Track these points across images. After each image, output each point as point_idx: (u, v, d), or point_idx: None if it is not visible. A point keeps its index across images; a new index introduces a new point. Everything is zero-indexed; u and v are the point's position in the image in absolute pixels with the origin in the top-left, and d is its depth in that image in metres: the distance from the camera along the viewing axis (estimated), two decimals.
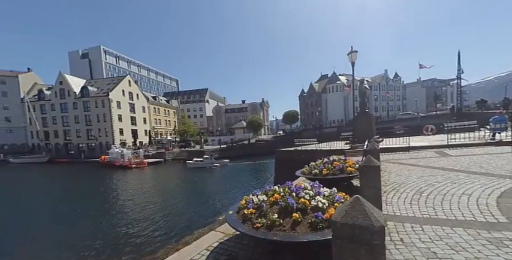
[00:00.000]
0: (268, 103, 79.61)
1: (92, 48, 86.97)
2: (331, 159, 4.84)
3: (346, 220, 0.99)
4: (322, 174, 4.39)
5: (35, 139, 47.34)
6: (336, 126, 51.64)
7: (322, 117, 63.20)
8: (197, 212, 11.60)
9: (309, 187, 2.68)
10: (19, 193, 18.66)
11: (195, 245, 3.54)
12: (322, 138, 21.93)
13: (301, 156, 12.86)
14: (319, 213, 2.15)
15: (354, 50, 11.81)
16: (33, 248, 8.32)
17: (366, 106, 14.29)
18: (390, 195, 4.30)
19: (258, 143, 47.91)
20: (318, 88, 67.27)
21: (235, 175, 22.53)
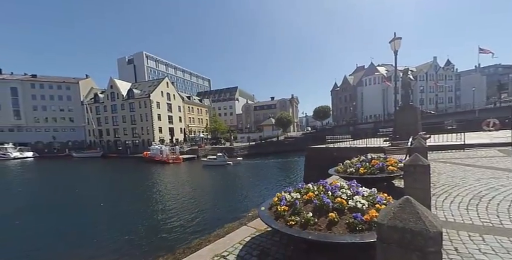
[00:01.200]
0: (297, 100, 77.74)
1: (136, 54, 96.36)
2: (368, 157, 4.50)
3: (395, 223, 0.91)
4: (359, 172, 4.12)
5: (91, 137, 54.66)
6: (373, 122, 47.92)
7: (357, 112, 59.22)
8: (226, 206, 12.01)
9: (346, 187, 2.54)
10: (79, 182, 21.88)
11: (228, 238, 3.67)
12: (357, 134, 20.61)
13: (333, 153, 12.29)
14: (358, 214, 2.02)
15: (397, 37, 10.60)
16: (81, 229, 9.62)
17: (410, 99, 12.88)
18: (440, 199, 3.83)
19: (287, 140, 47.34)
20: (352, 82, 62.93)
21: (262, 172, 22.73)
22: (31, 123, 54.43)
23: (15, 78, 54.52)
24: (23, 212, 12.36)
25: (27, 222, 10.60)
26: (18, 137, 52.04)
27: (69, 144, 55.11)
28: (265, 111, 71.25)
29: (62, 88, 56.25)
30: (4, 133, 51.95)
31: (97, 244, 7.98)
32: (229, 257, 2.94)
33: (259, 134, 55.78)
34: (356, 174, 4.14)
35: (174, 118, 52.19)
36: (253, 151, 40.88)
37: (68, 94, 56.57)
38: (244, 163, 29.82)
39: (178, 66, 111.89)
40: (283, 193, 2.75)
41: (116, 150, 49.58)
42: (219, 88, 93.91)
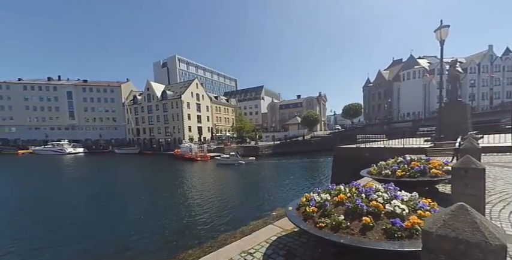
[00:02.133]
0: (325, 97, 74.66)
1: (169, 58, 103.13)
2: (407, 158, 4.11)
3: (446, 232, 0.83)
4: (396, 175, 3.78)
5: (130, 135, 60.00)
6: (411, 120, 43.78)
7: (392, 109, 54.59)
8: (250, 204, 12.11)
9: (382, 190, 2.35)
10: (120, 175, 24.27)
11: (254, 236, 3.70)
12: (392, 134, 19.03)
13: (364, 154, 11.55)
14: (397, 220, 1.86)
15: (444, 25, 9.37)
16: (115, 220, 10.56)
17: (458, 94, 11.40)
18: (497, 208, 3.32)
19: (313, 139, 45.91)
20: (388, 76, 57.98)
21: (286, 172, 22.39)
22: (82, 123, 61.98)
23: (70, 83, 62.59)
24: (76, 200, 14.17)
25: (78, 209, 12.14)
26: (72, 135, 59.65)
27: (112, 142, 61.34)
28: (291, 109, 70.07)
29: (107, 92, 62.85)
30: (61, 132, 60.07)
31: (132, 234, 8.63)
32: (255, 254, 2.96)
33: (284, 133, 55.16)
34: (392, 176, 3.82)
35: (202, 117, 54.53)
36: (278, 151, 40.57)
37: (112, 96, 62.95)
38: (268, 163, 29.81)
39: (207, 68, 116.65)
40: (312, 193, 2.66)
41: (150, 147, 53.61)
42: (245, 88, 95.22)
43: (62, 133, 59.62)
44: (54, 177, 23.70)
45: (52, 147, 50.24)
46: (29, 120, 59.82)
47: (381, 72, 59.58)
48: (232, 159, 28.38)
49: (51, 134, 59.05)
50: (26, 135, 58.98)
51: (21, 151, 51.03)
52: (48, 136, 58.36)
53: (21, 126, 59.33)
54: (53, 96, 60.56)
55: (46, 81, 62.72)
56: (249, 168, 25.87)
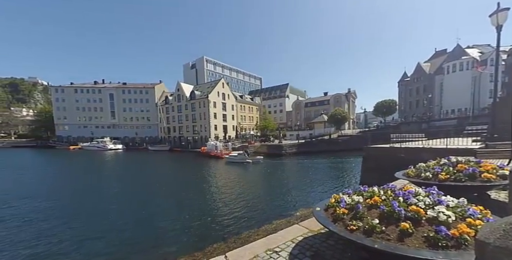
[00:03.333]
0: (355, 94, 70.51)
1: (198, 59, 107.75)
2: (452, 160, 3.68)
3: (507, 244, 0.76)
4: (439, 178, 3.41)
5: (162, 133, 64.17)
6: (456, 118, 39.14)
7: (433, 106, 49.22)
8: (273, 203, 12.07)
9: (423, 194, 2.13)
10: (152, 170, 26.23)
11: (280, 235, 3.68)
12: (433, 133, 17.24)
13: (399, 154, 10.67)
14: (441, 227, 1.67)
15: (502, 8, 8.03)
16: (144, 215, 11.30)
17: None
18: None
19: (340, 138, 43.85)
20: (428, 69, 52.05)
21: (310, 172, 21.77)
22: (121, 122, 68.18)
23: (112, 86, 69.26)
24: (113, 192, 15.68)
25: (114, 200, 13.41)
26: (113, 133, 66.08)
27: (146, 139, 66.38)
28: (317, 107, 67.85)
29: (142, 93, 68.12)
30: (104, 130, 66.92)
31: (161, 226, 9.20)
32: (281, 253, 2.94)
33: (309, 132, 53.73)
34: (434, 179, 3.45)
35: (227, 116, 55.87)
36: (303, 150, 39.66)
37: (147, 97, 68.03)
38: (291, 162, 29.37)
39: (233, 67, 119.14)
40: (341, 194, 2.53)
41: (180, 145, 56.63)
42: (270, 86, 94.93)
43: (104, 131, 66.43)
44: (98, 170, 26.65)
45: (97, 144, 56.24)
46: (79, 119, 67.83)
47: (421, 65, 53.80)
48: (240, 158, 29.42)
49: (96, 132, 66.18)
50: (76, 132, 67.10)
51: (72, 147, 58.08)
52: (93, 133, 65.52)
53: (73, 125, 67.63)
54: (98, 98, 67.70)
55: (92, 85, 70.38)
56: (274, 167, 25.81)
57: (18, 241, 7.95)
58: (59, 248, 7.42)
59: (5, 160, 34.60)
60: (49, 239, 8.00)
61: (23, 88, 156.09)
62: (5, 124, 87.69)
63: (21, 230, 8.81)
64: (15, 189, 15.82)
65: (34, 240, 7.97)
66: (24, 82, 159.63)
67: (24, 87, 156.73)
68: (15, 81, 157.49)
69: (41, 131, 72.17)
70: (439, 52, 56.34)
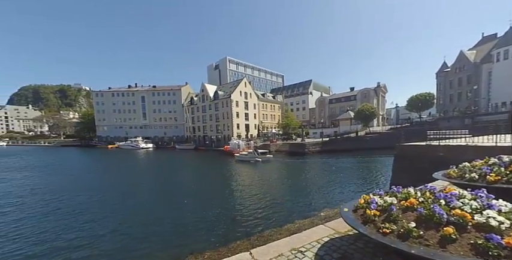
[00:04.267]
0: (385, 88, 65.70)
1: (221, 60, 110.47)
2: (504, 159, 3.22)
3: None
4: (487, 180, 3.02)
5: (188, 133, 67.27)
6: (507, 112, 34.31)
7: (479, 98, 43.62)
8: (296, 203, 11.87)
9: (469, 196, 1.91)
10: (178, 167, 27.70)
11: (304, 234, 3.60)
12: (478, 128, 15.36)
13: (437, 153, 9.73)
14: (493, 235, 1.47)
15: None
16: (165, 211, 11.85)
17: None
18: None
19: (368, 136, 41.38)
20: (473, 58, 45.97)
21: (334, 171, 20.90)
22: (151, 122, 73.00)
23: (143, 89, 74.45)
24: (144, 186, 16.88)
25: (145, 193, 14.41)
26: (144, 133, 71.15)
27: (173, 138, 70.09)
28: (343, 103, 64.90)
29: (170, 95, 72.03)
30: (137, 130, 72.35)
31: (186, 220, 9.65)
32: (307, 253, 2.89)
33: (334, 129, 51.70)
34: (481, 181, 3.06)
35: (249, 115, 56.38)
36: (327, 148, 38.31)
37: (174, 99, 71.77)
38: (314, 161, 28.56)
39: (255, 66, 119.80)
40: (372, 195, 2.38)
41: (204, 143, 58.73)
42: (292, 83, 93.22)
43: (137, 131, 71.79)
44: (132, 167, 28.95)
45: (130, 143, 60.99)
46: (115, 121, 74.28)
47: (464, 53, 47.66)
48: (249, 156, 30.03)
49: (130, 132, 71.81)
50: (113, 132, 73.62)
51: (110, 146, 63.79)
52: (127, 133, 71.19)
53: (110, 126, 74.32)
54: (132, 101, 73.35)
55: (127, 89, 76.39)
56: (296, 166, 25.44)
57: (64, 229, 9.02)
58: (97, 236, 8.24)
59: (56, 158, 39.38)
60: (88, 230, 8.93)
61: (70, 93, 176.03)
62: (56, 126, 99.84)
63: (66, 220, 9.97)
64: (63, 183, 17.92)
65: (77, 228, 8.97)
66: (70, 89, 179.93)
67: (71, 92, 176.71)
68: (64, 88, 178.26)
69: (84, 132, 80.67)
70: (488, 37, 49.59)
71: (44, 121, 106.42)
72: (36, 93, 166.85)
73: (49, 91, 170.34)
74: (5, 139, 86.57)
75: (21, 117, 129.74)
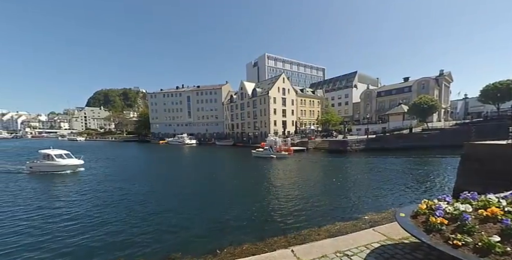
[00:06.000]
0: (450, 77, 55.92)
1: (260, 57, 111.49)
2: None
3: None
4: None
5: (227, 130, 70.30)
6: None
7: None
8: (336, 203, 11.21)
9: None
10: (218, 162, 29.35)
11: (351, 238, 3.38)
12: None
13: None
14: None
15: None
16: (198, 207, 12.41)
17: None
18: None
19: (426, 132, 36.02)
20: None
21: (380, 171, 18.83)
22: (195, 120, 78.85)
23: (189, 89, 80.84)
24: (187, 180, 18.37)
25: (188, 186, 15.64)
26: (189, 130, 77.31)
27: (214, 135, 74.21)
28: (394, 96, 58.03)
29: (211, 94, 76.42)
30: (183, 127, 79.20)
31: (225, 215, 9.99)
32: (354, 258, 2.71)
33: (382, 125, 46.73)
34: None
35: (287, 111, 55.48)
36: (373, 146, 34.97)
37: (215, 97, 75.87)
38: (358, 160, 26.49)
39: (294, 61, 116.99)
40: (437, 201, 2.04)
41: (242, 140, 60.39)
42: (334, 77, 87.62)
43: (183, 128, 78.59)
44: (179, 161, 32.07)
45: (177, 139, 66.99)
46: (165, 119, 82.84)
47: None
48: (265, 153, 31.34)
49: (177, 129, 79.07)
50: (163, 129, 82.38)
51: (161, 142, 71.44)
52: (175, 130, 78.54)
53: (162, 124, 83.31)
54: (179, 100, 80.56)
55: (175, 90, 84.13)
56: (337, 164, 24.03)
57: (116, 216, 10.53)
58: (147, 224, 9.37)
59: (120, 151, 46.32)
60: (137, 218, 10.19)
61: (130, 96, 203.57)
62: (120, 124, 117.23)
63: (119, 208, 11.60)
64: (122, 173, 20.91)
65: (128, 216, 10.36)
66: (131, 91, 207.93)
67: (131, 95, 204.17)
68: (126, 91, 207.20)
69: (141, 129, 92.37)
70: None
71: (111, 120, 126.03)
72: (106, 96, 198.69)
73: (115, 95, 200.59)
74: (84, 134, 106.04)
75: (95, 116, 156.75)
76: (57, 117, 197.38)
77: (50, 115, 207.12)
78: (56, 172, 19.69)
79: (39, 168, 20.04)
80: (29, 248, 7.22)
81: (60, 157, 20.54)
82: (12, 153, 36.59)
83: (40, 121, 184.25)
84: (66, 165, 20.28)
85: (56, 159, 20.18)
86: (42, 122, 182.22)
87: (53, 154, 20.23)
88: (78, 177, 18.78)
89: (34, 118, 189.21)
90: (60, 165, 20.12)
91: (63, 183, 16.65)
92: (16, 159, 28.36)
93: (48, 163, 20.06)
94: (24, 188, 15.06)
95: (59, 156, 20.49)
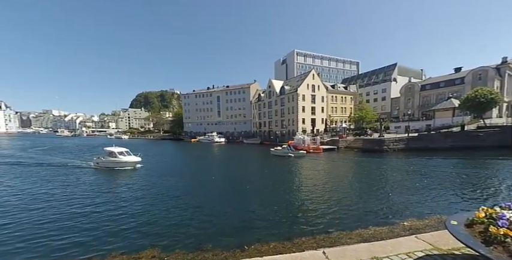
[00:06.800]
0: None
1: (288, 54, 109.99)
2: None
3: None
4: None
5: (254, 128, 70.91)
6: None
7: None
8: (368, 206, 10.43)
9: None
10: (245, 160, 29.74)
11: (389, 244, 3.11)
12: None
13: None
14: None
15: None
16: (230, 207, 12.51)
17: None
18: None
19: (482, 130, 31.20)
20: None
21: (426, 174, 16.82)
22: (224, 119, 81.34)
23: (219, 89, 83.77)
24: (218, 176, 19.02)
25: (218, 182, 16.18)
26: (218, 128, 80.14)
27: (242, 133, 75.63)
28: (442, 89, 51.60)
29: (240, 93, 77.89)
30: (212, 126, 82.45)
31: (251, 213, 10.11)
32: None
33: (426, 122, 42.05)
34: None
35: (316, 109, 53.55)
36: (414, 145, 31.75)
37: (244, 97, 77.14)
38: (396, 160, 24.42)
39: (324, 56, 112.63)
40: (499, 209, 1.73)
41: (269, 138, 60.36)
42: (370, 70, 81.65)
43: (212, 127, 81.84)
44: (209, 157, 33.57)
45: (207, 137, 69.92)
46: (197, 118, 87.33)
47: None
48: (283, 151, 31.36)
49: (207, 128, 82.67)
50: (195, 128, 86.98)
51: (193, 140, 75.33)
52: (206, 129, 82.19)
53: (193, 123, 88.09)
54: (209, 100, 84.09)
55: (206, 90, 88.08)
56: (364, 164, 22.41)
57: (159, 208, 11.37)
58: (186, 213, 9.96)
59: (159, 148, 50.35)
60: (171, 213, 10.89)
61: (166, 97, 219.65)
62: (157, 123, 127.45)
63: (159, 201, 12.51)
64: (167, 170, 22.44)
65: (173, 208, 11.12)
66: (167, 93, 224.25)
67: (167, 96, 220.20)
68: (163, 93, 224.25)
69: (175, 128, 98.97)
70: None
71: (150, 119, 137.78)
72: (146, 98, 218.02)
73: (153, 96, 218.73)
74: (127, 133, 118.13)
75: (137, 117, 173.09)
76: (106, 117, 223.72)
77: (100, 116, 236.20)
78: (118, 168, 21.03)
79: (104, 164, 21.45)
80: (101, 228, 8.38)
81: (122, 154, 21.85)
82: (75, 150, 42.03)
83: (93, 121, 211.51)
84: (127, 162, 21.49)
85: (119, 156, 21.47)
86: (94, 122, 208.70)
87: (116, 151, 21.60)
88: (137, 172, 19.69)
89: (88, 119, 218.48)
90: (122, 161, 21.36)
91: (126, 178, 17.77)
92: (81, 156, 31.77)
93: (112, 160, 21.38)
94: (94, 181, 16.48)
95: (121, 153, 21.81)
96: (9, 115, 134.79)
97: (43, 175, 18.24)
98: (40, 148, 44.09)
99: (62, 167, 22.13)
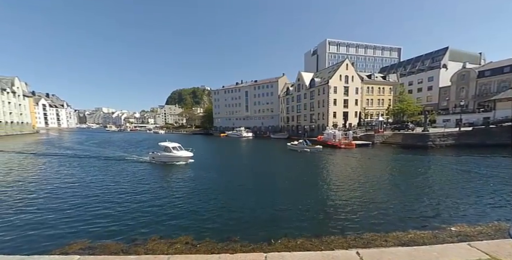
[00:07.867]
0: None
1: (320, 44, 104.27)
2: None
3: None
4: None
5: (282, 123, 70.01)
6: None
7: None
8: (407, 207, 9.61)
9: None
10: (272, 155, 29.37)
11: (435, 250, 2.77)
12: None
13: None
14: None
15: None
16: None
17: None
18: None
19: None
20: None
21: (479, 175, 14.54)
22: (252, 114, 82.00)
23: (247, 85, 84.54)
24: (246, 172, 19.30)
25: (243, 178, 16.38)
26: (246, 123, 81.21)
27: (269, 128, 75.41)
28: (506, 75, 43.82)
29: (268, 87, 77.35)
30: (240, 121, 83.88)
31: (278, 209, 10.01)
32: None
33: (483, 114, 36.46)
34: None
35: (349, 101, 50.19)
36: (467, 141, 27.99)
37: (271, 91, 76.42)
38: (442, 158, 21.78)
39: (360, 43, 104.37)
40: None
41: (297, 133, 58.92)
42: (414, 57, 73.21)
43: (240, 122, 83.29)
44: (238, 152, 34.34)
45: (236, 132, 71.43)
46: (226, 114, 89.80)
47: None
48: (299, 146, 31.60)
49: (236, 123, 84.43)
50: (224, 123, 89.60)
51: (222, 134, 77.72)
52: (234, 124, 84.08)
53: (222, 118, 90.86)
54: (238, 96, 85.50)
55: (234, 86, 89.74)
56: (399, 163, 20.34)
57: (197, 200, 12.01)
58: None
59: (193, 143, 53.31)
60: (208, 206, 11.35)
61: (198, 94, 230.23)
62: (190, 119, 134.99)
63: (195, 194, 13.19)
64: (201, 164, 23.55)
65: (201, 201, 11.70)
66: (198, 90, 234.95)
67: (199, 93, 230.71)
68: (195, 90, 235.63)
69: (206, 123, 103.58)
70: None
71: (183, 115, 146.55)
72: (179, 95, 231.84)
73: (186, 93, 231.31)
74: (164, 128, 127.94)
75: (172, 113, 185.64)
76: (146, 114, 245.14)
77: (141, 113, 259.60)
78: (172, 162, 21.29)
79: (159, 158, 21.87)
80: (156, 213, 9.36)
81: (175, 149, 22.07)
82: (125, 144, 44.83)
83: (135, 117, 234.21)
84: (181, 157, 21.69)
85: (173, 151, 21.71)
86: (136, 118, 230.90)
87: (170, 146, 21.91)
88: (189, 167, 20.05)
89: (131, 115, 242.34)
90: (176, 156, 21.59)
91: (180, 172, 18.16)
92: (133, 150, 32.83)
93: (166, 155, 21.67)
94: (151, 174, 17.22)
95: (175, 148, 22.06)
96: (69, 112, 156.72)
97: (107, 169, 19.16)
98: (96, 141, 50.34)
99: (122, 161, 23.18)
